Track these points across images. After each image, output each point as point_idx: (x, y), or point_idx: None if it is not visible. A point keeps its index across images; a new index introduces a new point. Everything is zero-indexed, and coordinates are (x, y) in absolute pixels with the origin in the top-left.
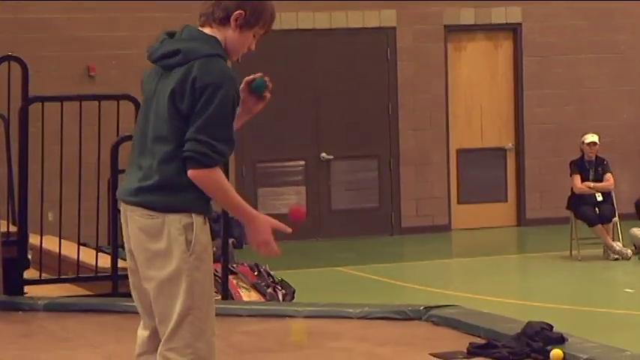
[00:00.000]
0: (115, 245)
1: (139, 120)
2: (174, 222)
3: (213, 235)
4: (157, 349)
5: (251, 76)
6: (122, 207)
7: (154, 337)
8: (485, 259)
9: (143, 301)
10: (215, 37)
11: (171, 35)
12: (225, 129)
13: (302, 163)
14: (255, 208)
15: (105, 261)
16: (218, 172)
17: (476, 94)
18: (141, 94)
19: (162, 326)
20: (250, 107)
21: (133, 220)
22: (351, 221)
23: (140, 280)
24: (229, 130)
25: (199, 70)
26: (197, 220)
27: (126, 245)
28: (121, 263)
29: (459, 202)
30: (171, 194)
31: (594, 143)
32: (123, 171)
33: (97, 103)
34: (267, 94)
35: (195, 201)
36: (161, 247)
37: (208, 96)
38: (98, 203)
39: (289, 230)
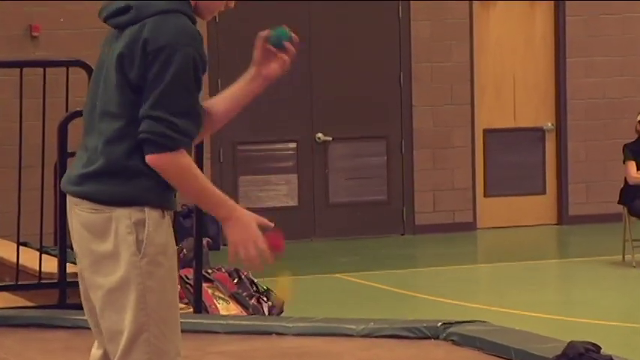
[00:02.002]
0: (63, 246)
1: (89, 92)
2: (123, 218)
3: (184, 234)
4: None
5: (265, 31)
6: (67, 199)
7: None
8: (517, 265)
9: (95, 315)
10: None
11: None
12: (187, 100)
13: (293, 145)
14: (235, 202)
15: (50, 265)
16: (182, 156)
17: (508, 62)
18: None
19: (112, 345)
20: (267, 71)
21: (76, 215)
22: (353, 218)
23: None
24: (192, 101)
25: (151, 29)
26: (151, 215)
27: (74, 246)
28: (70, 268)
29: (485, 195)
30: (118, 182)
31: None
32: (73, 154)
33: (41, 70)
34: (291, 49)
35: (149, 190)
36: (107, 249)
37: (163, 61)
38: (42, 194)
39: (271, 225)
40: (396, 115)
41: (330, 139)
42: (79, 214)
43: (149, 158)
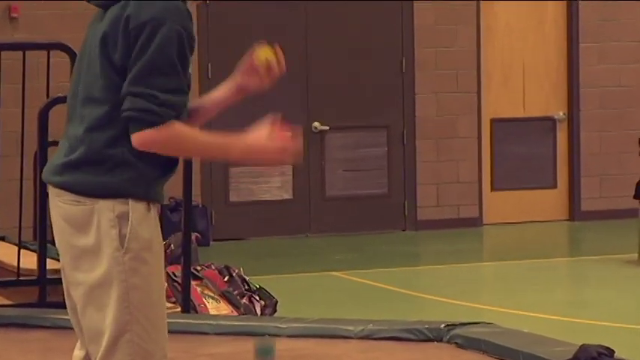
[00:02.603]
0: (43, 240)
1: (72, 77)
2: (105, 210)
3: (171, 229)
4: None
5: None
6: (49, 190)
7: None
8: (526, 264)
9: (77, 313)
10: None
11: None
12: (171, 77)
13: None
14: (226, 194)
15: (30, 261)
16: (172, 127)
17: (517, 47)
18: None
19: (93, 346)
20: (245, 83)
21: (57, 207)
22: (352, 212)
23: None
24: (178, 77)
25: (135, 5)
26: (135, 207)
27: (55, 240)
28: (50, 264)
29: (492, 189)
30: (100, 172)
31: None
32: (55, 143)
33: (20, 53)
34: (275, 67)
35: (133, 181)
36: (89, 243)
37: (147, 36)
38: (21, 185)
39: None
40: (397, 103)
41: (327, 128)
42: (60, 206)
43: (135, 138)
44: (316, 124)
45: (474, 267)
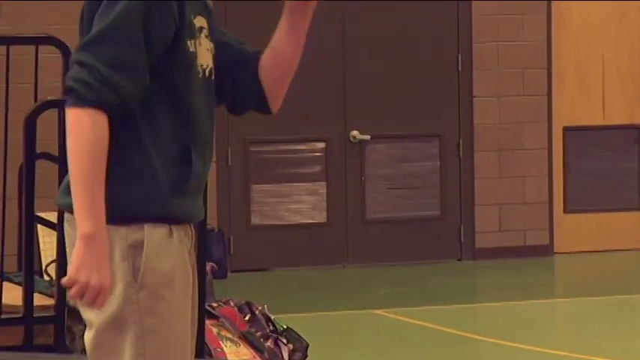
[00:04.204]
0: (30, 272)
1: None
2: (117, 239)
3: None
4: None
5: None
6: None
7: None
8: (606, 301)
9: None
10: None
11: None
12: (126, 50)
13: (321, 145)
14: (247, 217)
15: (14, 296)
16: (92, 118)
17: (595, 42)
18: None
19: None
20: (299, 9)
21: (67, 234)
22: (397, 238)
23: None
24: (134, 53)
25: None
26: (153, 233)
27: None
28: (38, 299)
29: (566, 211)
30: (112, 193)
31: None
32: (45, 155)
33: (3, 48)
34: None
35: (146, 197)
36: None
37: (108, 3)
38: (4, 205)
39: None
40: (452, 108)
41: (368, 137)
42: (68, 232)
43: (66, 113)
44: (355, 132)
45: (544, 304)
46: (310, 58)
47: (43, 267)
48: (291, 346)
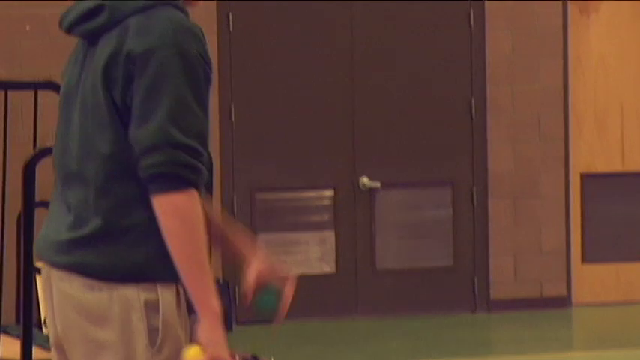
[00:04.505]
0: (29, 324)
1: (58, 129)
2: (130, 299)
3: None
4: None
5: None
6: (44, 269)
7: None
8: (627, 355)
9: None
10: None
11: None
12: (200, 116)
13: (329, 193)
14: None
15: (12, 350)
16: (193, 198)
17: (613, 85)
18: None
19: None
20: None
21: (63, 293)
22: (408, 289)
23: None
24: (205, 118)
25: (136, 31)
26: (166, 294)
27: (50, 328)
28: (38, 354)
29: (584, 261)
30: (122, 249)
31: None
32: (43, 204)
33: (2, 94)
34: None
35: (162, 260)
36: (109, 338)
37: (157, 67)
38: (2, 255)
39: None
40: (465, 153)
41: (378, 185)
42: (69, 294)
43: (159, 200)
44: (364, 179)
45: (562, 358)
46: (318, 103)
47: (42, 319)
48: None
